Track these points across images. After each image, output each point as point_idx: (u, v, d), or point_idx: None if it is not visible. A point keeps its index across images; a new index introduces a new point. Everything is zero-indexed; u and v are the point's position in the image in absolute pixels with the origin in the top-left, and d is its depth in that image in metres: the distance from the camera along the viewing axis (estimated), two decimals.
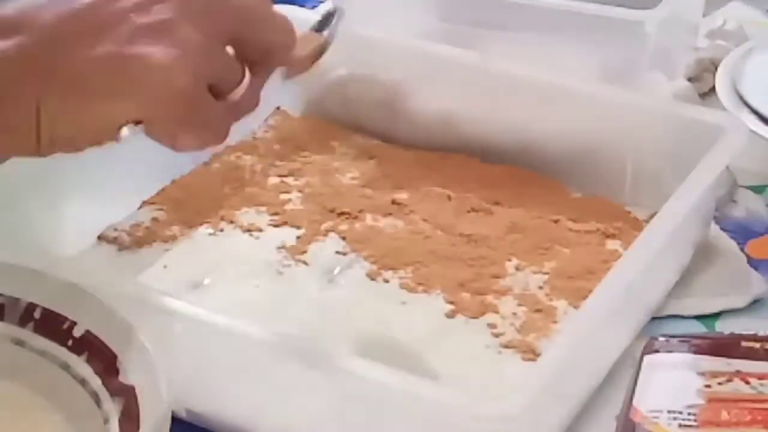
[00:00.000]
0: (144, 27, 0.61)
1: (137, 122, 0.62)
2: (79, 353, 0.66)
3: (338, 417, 0.69)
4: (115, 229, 0.85)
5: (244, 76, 0.65)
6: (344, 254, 0.84)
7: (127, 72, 0.60)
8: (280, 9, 0.68)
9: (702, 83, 1.04)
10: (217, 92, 0.63)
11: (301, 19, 0.98)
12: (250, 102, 0.66)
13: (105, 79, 0.60)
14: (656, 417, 0.69)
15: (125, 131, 0.62)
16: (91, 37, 0.60)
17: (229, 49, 0.65)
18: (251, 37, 0.65)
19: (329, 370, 0.67)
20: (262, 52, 0.66)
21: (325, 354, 0.68)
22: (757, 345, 0.74)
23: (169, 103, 0.61)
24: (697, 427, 0.68)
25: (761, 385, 0.71)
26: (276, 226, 0.86)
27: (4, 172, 0.80)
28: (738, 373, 0.72)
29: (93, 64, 0.60)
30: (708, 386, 0.71)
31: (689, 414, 0.69)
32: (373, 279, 0.82)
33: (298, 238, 0.85)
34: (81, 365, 0.66)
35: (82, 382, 0.65)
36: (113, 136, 0.62)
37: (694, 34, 1.07)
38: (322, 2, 1.16)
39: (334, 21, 0.75)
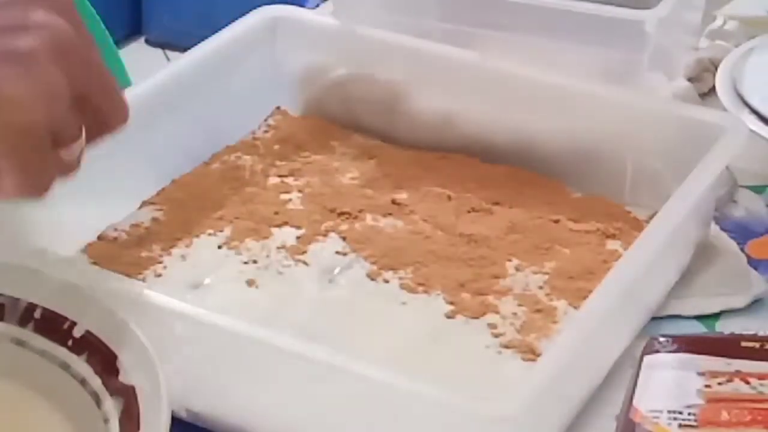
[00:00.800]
0: (11, 50, 0.58)
1: None
2: (79, 353, 0.66)
3: (338, 417, 0.69)
4: (115, 229, 0.85)
5: (81, 134, 0.62)
6: (344, 254, 0.84)
7: None
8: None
9: (702, 83, 1.04)
10: (53, 143, 0.60)
11: (301, 18, 0.99)
12: (75, 163, 0.63)
13: None
14: (656, 417, 0.69)
15: None
16: None
17: None
18: (94, 99, 0.62)
19: (329, 370, 0.67)
20: (94, 119, 0.63)
21: (325, 354, 0.68)
22: (757, 345, 0.74)
23: (13, 133, 0.57)
24: (697, 427, 0.68)
25: (761, 385, 0.71)
26: (276, 226, 0.86)
27: None
28: (738, 373, 0.72)
29: None
30: (708, 386, 0.71)
31: (689, 414, 0.69)
32: (373, 279, 0.82)
33: (298, 238, 0.85)
34: (81, 365, 0.66)
35: (82, 382, 0.65)
36: None
37: (695, 34, 1.07)
38: (322, 2, 1.16)
39: None
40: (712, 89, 1.00)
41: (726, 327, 0.81)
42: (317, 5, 1.15)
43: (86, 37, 0.61)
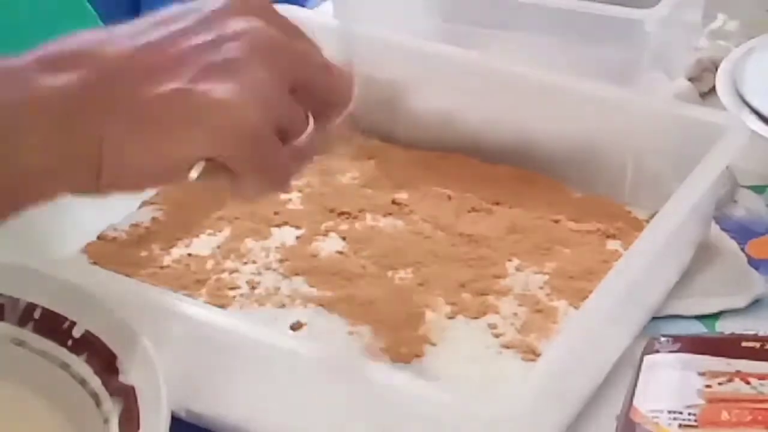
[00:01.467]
0: (213, 65, 0.59)
1: (207, 160, 0.59)
2: (78, 353, 0.66)
3: (338, 417, 0.69)
4: (115, 229, 0.85)
5: (308, 122, 0.63)
6: (344, 254, 0.84)
7: (195, 108, 0.58)
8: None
9: (702, 83, 1.04)
10: (282, 137, 0.61)
11: (301, 18, 0.99)
12: (311, 150, 0.64)
13: (171, 114, 0.58)
14: (656, 417, 0.69)
15: (194, 172, 0.59)
16: (158, 73, 0.59)
17: None
18: (313, 85, 0.63)
19: (329, 371, 0.67)
20: (321, 102, 0.64)
21: (324, 354, 0.68)
22: (758, 345, 0.74)
23: (238, 141, 0.59)
24: (697, 427, 0.68)
25: (761, 385, 0.71)
26: (276, 226, 0.86)
27: None
28: (738, 373, 0.72)
29: (160, 99, 0.58)
30: (708, 386, 0.71)
31: (689, 414, 0.69)
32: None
33: (298, 238, 0.85)
34: (81, 365, 0.66)
35: (82, 382, 0.65)
36: (179, 175, 0.59)
37: (695, 34, 1.07)
38: (321, 1, 1.16)
39: None
40: (713, 89, 1.00)
41: (726, 327, 0.81)
42: (317, 5, 1.15)
43: (288, 28, 0.63)
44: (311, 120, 0.62)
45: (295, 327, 0.77)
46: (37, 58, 0.59)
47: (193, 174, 0.59)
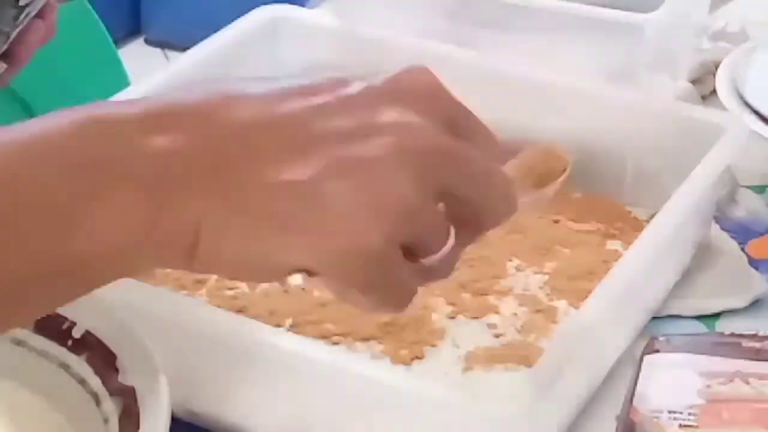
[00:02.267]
0: (346, 160, 0.49)
1: (310, 272, 0.51)
2: (78, 353, 0.66)
3: (338, 417, 0.69)
4: None
5: (447, 239, 0.53)
6: None
7: (310, 212, 0.49)
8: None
9: (704, 85, 1.04)
10: (411, 253, 0.52)
11: (301, 18, 0.99)
12: (446, 268, 0.54)
13: (282, 212, 0.49)
14: (656, 417, 0.69)
15: (296, 279, 0.51)
16: (278, 154, 0.49)
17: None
18: (467, 197, 0.53)
19: (329, 371, 0.67)
20: (473, 215, 0.54)
21: (325, 354, 0.68)
22: (758, 345, 0.74)
23: (349, 261, 0.50)
24: (697, 427, 0.68)
25: (762, 385, 0.71)
26: None
27: None
28: (738, 373, 0.72)
29: (274, 189, 0.49)
30: (708, 386, 0.71)
31: (690, 414, 0.69)
32: None
33: None
34: (80, 365, 0.66)
35: (82, 382, 0.65)
36: (278, 278, 0.51)
37: (697, 36, 1.07)
38: (321, 1, 1.16)
39: None
40: (714, 91, 1.00)
41: (726, 327, 0.81)
42: (317, 5, 1.15)
43: (457, 118, 0.54)
44: (452, 236, 0.53)
45: (295, 327, 0.77)
46: (137, 115, 0.50)
47: (296, 280, 0.51)
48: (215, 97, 0.50)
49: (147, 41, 1.38)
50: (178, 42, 1.15)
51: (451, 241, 0.53)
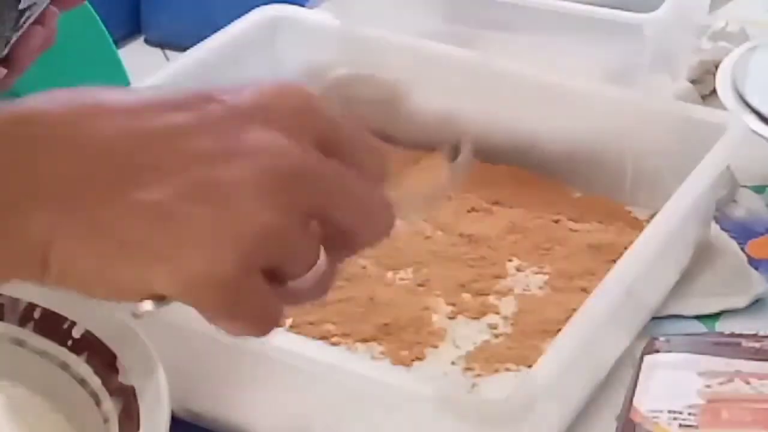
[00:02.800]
0: (207, 182, 0.48)
1: (162, 297, 0.49)
2: (78, 353, 0.66)
3: (337, 417, 0.69)
4: None
5: (316, 260, 0.50)
6: None
7: (164, 238, 0.47)
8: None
9: (704, 85, 1.04)
10: (276, 276, 0.50)
11: (301, 17, 0.99)
12: (317, 291, 0.51)
13: (136, 235, 0.47)
14: (656, 417, 0.69)
15: (146, 305, 0.49)
16: (137, 174, 0.48)
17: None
18: (336, 218, 0.50)
19: (328, 370, 0.67)
20: (345, 234, 0.51)
21: (324, 354, 0.68)
22: (758, 345, 0.74)
23: (202, 288, 0.48)
24: (697, 427, 0.68)
25: (761, 385, 0.71)
26: None
27: None
28: (738, 373, 0.72)
29: (129, 211, 0.47)
30: (708, 386, 0.71)
31: (689, 414, 0.69)
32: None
33: None
34: (80, 365, 0.66)
35: (82, 382, 0.65)
36: (131, 301, 0.49)
37: (697, 36, 1.07)
38: (321, 1, 1.16)
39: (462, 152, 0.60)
40: (714, 91, 0.99)
41: (726, 327, 0.81)
42: (317, 5, 1.15)
43: (334, 137, 0.51)
44: (322, 257, 0.51)
45: (295, 328, 0.77)
46: (5, 115, 0.48)
47: (146, 307, 0.49)
48: (79, 105, 0.49)
49: (147, 41, 1.38)
50: (178, 42, 1.15)
51: (321, 261, 0.50)
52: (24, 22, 0.73)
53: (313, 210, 0.49)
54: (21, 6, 0.71)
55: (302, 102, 0.51)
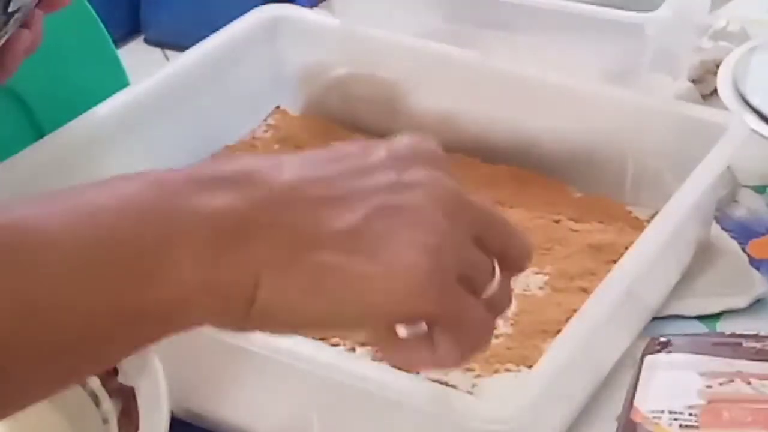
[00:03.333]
0: (389, 206, 0.52)
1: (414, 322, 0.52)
2: None
3: (337, 417, 0.69)
4: None
5: (494, 270, 0.55)
6: None
7: (369, 255, 0.51)
8: None
9: (705, 85, 1.04)
10: (468, 289, 0.54)
11: (301, 17, 0.99)
12: (504, 299, 0.56)
13: (340, 261, 0.51)
14: (657, 417, 0.69)
15: (401, 330, 0.53)
16: (328, 206, 0.52)
17: None
18: (495, 241, 0.56)
19: (328, 371, 0.67)
20: (500, 260, 0.56)
21: (324, 355, 0.68)
22: (759, 345, 0.74)
23: (421, 292, 0.51)
24: (698, 427, 0.68)
25: (762, 385, 0.71)
26: None
27: (5, 172, 0.80)
28: (739, 373, 0.72)
29: (328, 240, 0.51)
30: (709, 386, 0.71)
31: (690, 414, 0.69)
32: None
33: None
34: None
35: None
36: (349, 329, 0.53)
37: (698, 36, 1.07)
38: (321, 1, 1.16)
39: None
40: (715, 91, 0.99)
41: (727, 327, 0.81)
42: (316, 4, 1.15)
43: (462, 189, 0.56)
44: (497, 270, 0.55)
45: None
46: (191, 177, 0.52)
47: (401, 332, 0.53)
48: (256, 162, 0.53)
49: (147, 41, 1.38)
50: (178, 42, 1.15)
51: (498, 273, 0.55)
52: (11, 25, 0.73)
53: (478, 231, 0.54)
54: (10, 9, 0.71)
55: (436, 149, 0.57)
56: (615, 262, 0.76)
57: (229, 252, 0.50)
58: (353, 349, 0.76)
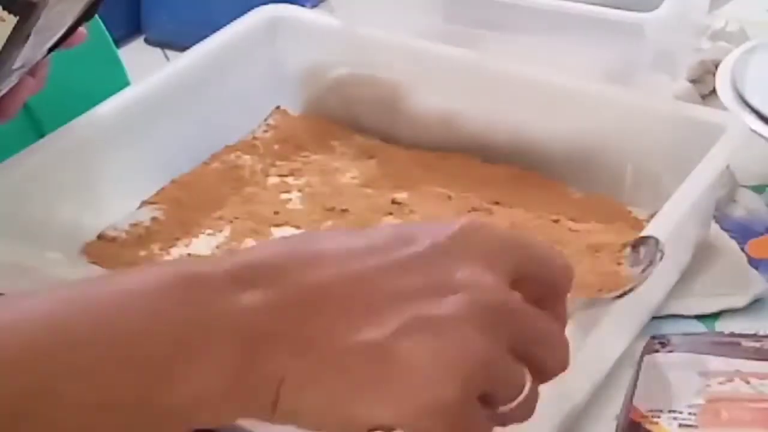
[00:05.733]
0: (422, 318, 0.51)
1: (389, 429, 0.52)
2: None
3: None
4: (115, 229, 0.85)
5: (524, 385, 0.54)
6: None
7: (388, 370, 0.51)
8: None
9: (704, 85, 1.04)
10: (487, 401, 0.53)
11: (301, 17, 0.99)
12: (524, 413, 0.54)
13: (361, 371, 0.51)
14: (656, 417, 0.69)
15: None
16: (358, 314, 0.52)
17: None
18: (530, 354, 0.54)
19: None
20: (533, 369, 0.55)
21: None
22: (757, 345, 0.74)
23: (428, 415, 0.51)
24: (697, 427, 0.68)
25: (761, 384, 0.71)
26: (276, 225, 0.86)
27: (5, 172, 0.80)
28: (738, 372, 0.72)
29: (352, 350, 0.51)
30: (708, 386, 0.71)
31: (689, 414, 0.69)
32: None
33: None
34: None
35: None
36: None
37: (697, 36, 1.07)
38: (321, 1, 1.16)
39: (649, 258, 0.64)
40: (714, 91, 1.00)
41: (726, 327, 0.81)
42: (317, 5, 1.15)
43: (529, 274, 0.55)
44: (528, 381, 0.54)
45: None
46: (232, 270, 0.52)
47: None
48: (292, 253, 0.53)
49: (147, 41, 1.38)
50: (178, 42, 1.15)
51: (528, 386, 0.54)
52: (14, 79, 0.74)
53: (514, 341, 0.53)
54: (15, 66, 0.71)
55: (494, 237, 0.54)
56: (615, 262, 0.76)
57: (254, 363, 0.51)
58: None
